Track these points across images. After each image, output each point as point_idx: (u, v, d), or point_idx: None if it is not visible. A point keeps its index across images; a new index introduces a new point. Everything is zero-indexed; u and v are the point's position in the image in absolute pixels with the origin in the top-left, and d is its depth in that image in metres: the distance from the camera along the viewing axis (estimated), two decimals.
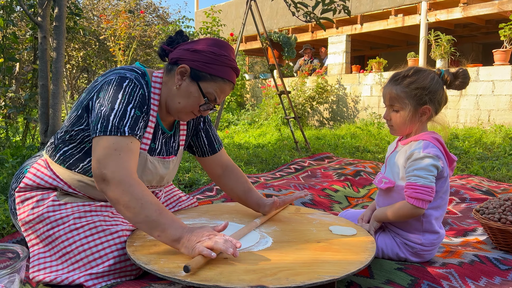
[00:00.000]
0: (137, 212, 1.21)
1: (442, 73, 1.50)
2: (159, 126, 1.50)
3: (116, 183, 1.21)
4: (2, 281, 1.08)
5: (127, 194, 1.21)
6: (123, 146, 1.26)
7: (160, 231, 1.21)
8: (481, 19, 7.69)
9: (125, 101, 1.31)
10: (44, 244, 1.40)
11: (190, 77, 1.40)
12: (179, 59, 1.40)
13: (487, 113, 6.08)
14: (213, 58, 1.38)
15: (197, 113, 1.46)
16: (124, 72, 1.38)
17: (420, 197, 1.41)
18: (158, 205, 1.23)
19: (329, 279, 1.10)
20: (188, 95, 1.41)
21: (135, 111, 1.33)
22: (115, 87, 1.33)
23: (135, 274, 1.37)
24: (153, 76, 1.46)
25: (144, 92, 1.38)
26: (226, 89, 1.43)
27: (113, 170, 1.22)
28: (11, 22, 3.42)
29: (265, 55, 4.65)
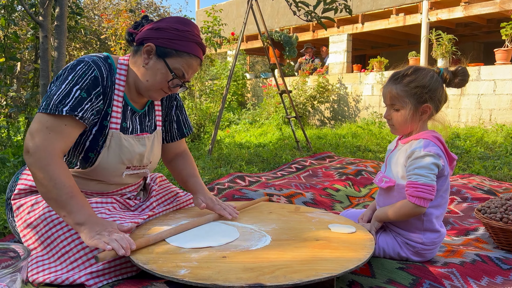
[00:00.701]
0: (49, 189, 1.27)
1: (441, 71, 1.50)
2: (128, 106, 1.52)
3: (36, 158, 1.28)
4: (4, 280, 1.08)
5: (42, 171, 1.27)
6: (55, 127, 1.31)
7: (67, 212, 1.27)
8: (482, 18, 7.67)
9: (72, 82, 1.35)
10: (42, 246, 1.39)
11: (156, 55, 1.42)
12: (144, 38, 1.44)
13: (489, 112, 6.06)
14: (177, 34, 1.41)
15: (167, 90, 1.48)
16: (83, 57, 1.42)
17: (421, 195, 1.40)
18: (71, 188, 1.29)
19: (327, 276, 1.10)
20: (155, 72, 1.43)
21: (81, 93, 1.35)
22: (69, 69, 1.38)
23: (136, 270, 1.36)
24: (119, 59, 1.49)
25: (98, 74, 1.40)
26: (193, 64, 1.46)
27: (37, 145, 1.28)
28: (12, 22, 3.42)
29: (266, 54, 4.64)
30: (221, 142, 5.06)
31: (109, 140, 1.44)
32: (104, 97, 1.42)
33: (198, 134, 5.17)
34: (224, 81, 7.39)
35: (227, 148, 4.59)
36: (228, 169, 3.31)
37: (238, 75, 9.22)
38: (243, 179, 2.91)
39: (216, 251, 1.26)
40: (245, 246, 1.30)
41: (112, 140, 1.45)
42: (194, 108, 5.16)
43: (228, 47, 7.02)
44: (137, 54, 1.47)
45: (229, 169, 3.33)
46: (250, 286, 1.04)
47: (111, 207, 1.48)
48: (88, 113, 1.37)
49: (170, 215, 1.63)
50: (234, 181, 2.83)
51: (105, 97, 1.43)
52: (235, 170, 3.33)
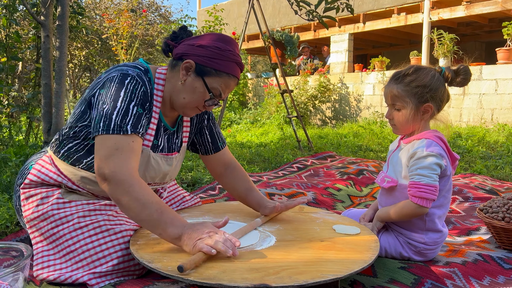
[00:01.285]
0: (138, 211, 1.23)
1: (443, 70, 1.50)
2: (162, 123, 1.50)
3: (116, 182, 1.23)
4: (6, 279, 1.09)
5: (127, 194, 1.22)
6: (124, 146, 1.27)
7: (162, 229, 1.23)
8: (484, 18, 7.66)
9: (127, 98, 1.31)
10: (48, 242, 1.40)
11: (195, 72, 1.39)
12: (184, 54, 1.40)
13: (490, 112, 6.06)
14: (218, 53, 1.38)
15: (202, 109, 1.46)
16: (127, 69, 1.38)
17: (424, 196, 1.40)
18: (159, 204, 1.24)
19: (332, 278, 1.10)
20: (193, 90, 1.41)
21: (138, 109, 1.33)
22: (117, 84, 1.33)
23: (138, 274, 1.37)
24: (156, 73, 1.46)
25: (146, 89, 1.37)
26: (231, 84, 1.43)
27: (113, 170, 1.23)
28: (14, 21, 3.43)
29: (268, 53, 4.64)
30: None
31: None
32: (149, 112, 1.41)
33: None
34: None
35: (228, 147, 4.59)
36: None
37: None
38: None
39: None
40: (250, 246, 1.30)
41: (141, 156, 1.41)
42: None
43: None
44: (175, 69, 1.43)
45: None
46: (255, 287, 1.04)
47: (119, 209, 1.48)
48: (144, 128, 1.36)
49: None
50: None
51: (150, 112, 1.41)
52: None
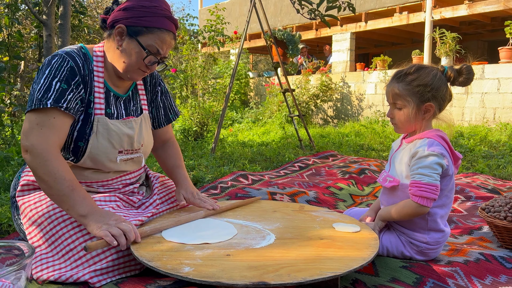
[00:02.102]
0: (50, 185, 1.31)
1: (446, 69, 1.49)
2: (111, 92, 1.54)
3: (35, 155, 1.31)
4: (9, 278, 1.09)
5: (42, 167, 1.31)
6: (44, 121, 1.34)
7: (70, 205, 1.31)
8: (486, 17, 7.64)
9: (50, 75, 1.38)
10: (47, 244, 1.40)
11: (128, 35, 1.44)
12: (115, 21, 1.45)
13: (493, 111, 6.04)
14: (145, 11, 1.42)
15: (145, 69, 1.49)
16: (58, 51, 1.45)
17: (424, 195, 1.40)
18: (71, 182, 1.32)
19: (331, 275, 1.10)
20: (130, 52, 1.45)
21: (61, 84, 1.37)
22: (45, 65, 1.41)
23: (139, 269, 1.37)
24: (94, 47, 1.52)
25: (73, 64, 1.42)
26: (166, 39, 1.46)
27: (32, 143, 1.32)
28: (16, 21, 3.43)
29: (269, 53, 4.64)
30: (224, 141, 5.07)
31: (95, 126, 1.46)
32: (84, 85, 1.45)
33: (201, 132, 5.18)
34: (227, 80, 7.39)
35: (230, 146, 4.59)
36: (231, 167, 3.31)
37: (241, 74, 9.22)
38: (246, 177, 2.91)
39: (220, 249, 1.26)
40: (249, 244, 1.30)
41: (99, 125, 1.47)
42: (197, 107, 5.16)
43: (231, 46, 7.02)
44: (111, 38, 1.49)
45: (232, 167, 3.33)
46: (254, 284, 1.04)
47: (115, 205, 1.49)
48: (72, 103, 1.40)
49: (174, 213, 1.63)
50: (237, 180, 2.84)
51: (85, 85, 1.46)
52: (238, 169, 3.33)
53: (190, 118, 5.17)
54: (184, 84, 5.43)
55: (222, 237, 1.36)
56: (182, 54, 5.36)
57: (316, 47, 11.11)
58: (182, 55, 5.39)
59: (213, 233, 1.40)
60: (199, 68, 5.36)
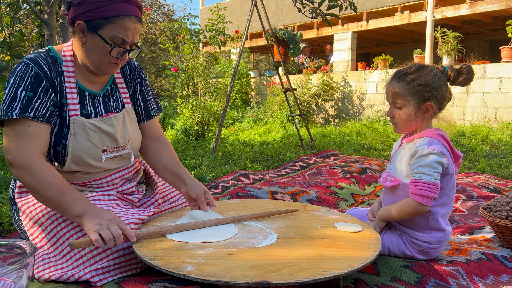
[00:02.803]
0: (40, 193, 1.31)
1: (445, 69, 1.49)
2: (85, 92, 1.48)
3: (18, 167, 1.31)
4: (11, 276, 1.09)
5: (28, 177, 1.30)
6: (20, 132, 1.32)
7: (63, 209, 1.31)
8: (488, 16, 7.62)
9: (15, 85, 1.35)
10: (49, 244, 1.40)
11: (89, 30, 1.37)
12: (73, 18, 1.38)
13: (494, 110, 6.03)
14: (98, 1, 1.34)
15: (116, 61, 1.42)
16: (23, 58, 1.41)
17: (424, 194, 1.40)
18: (59, 186, 1.31)
19: (334, 275, 1.10)
20: (95, 48, 1.38)
21: (26, 93, 1.34)
22: (10, 74, 1.39)
23: (141, 267, 1.37)
24: (62, 48, 1.47)
25: (37, 70, 1.37)
26: (129, 25, 1.37)
27: (14, 155, 1.31)
28: (17, 20, 3.44)
29: (271, 52, 4.64)
30: (225, 140, 5.07)
31: (72, 127, 1.41)
32: (53, 90, 1.40)
33: (202, 132, 5.18)
34: (228, 79, 7.39)
35: (231, 146, 4.59)
36: (232, 167, 3.31)
37: (242, 73, 9.22)
38: (247, 177, 2.91)
39: (222, 248, 1.26)
40: (251, 244, 1.30)
41: (75, 127, 1.42)
42: (198, 106, 5.16)
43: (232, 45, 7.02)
44: (75, 36, 1.42)
45: (233, 167, 3.33)
46: (256, 284, 1.04)
47: (115, 204, 1.48)
48: (41, 110, 1.36)
49: (176, 212, 1.62)
50: (238, 179, 2.84)
51: (55, 89, 1.41)
52: (239, 168, 3.33)
53: (191, 118, 5.17)
54: (185, 83, 5.43)
55: (222, 236, 1.36)
56: (183, 54, 5.36)
57: (317, 47, 11.11)
58: (183, 54, 5.39)
59: (213, 232, 1.40)
60: (200, 68, 5.36)
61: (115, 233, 1.25)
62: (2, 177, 2.57)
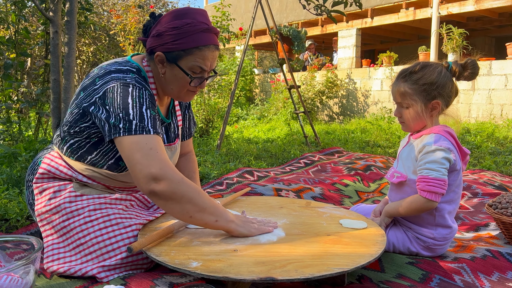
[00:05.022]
0: (195, 202, 1.24)
1: (450, 65, 1.49)
2: (159, 117, 1.51)
3: (169, 178, 1.21)
4: (18, 272, 1.10)
5: (183, 186, 1.23)
6: (155, 144, 1.25)
7: (218, 215, 1.27)
8: (494, 12, 7.56)
9: (137, 104, 1.29)
10: (58, 235, 1.41)
11: (168, 61, 1.37)
12: (152, 47, 1.38)
13: (500, 107, 5.99)
14: (177, 34, 1.33)
15: (195, 89, 1.44)
16: (124, 77, 1.34)
17: (432, 190, 1.40)
18: (206, 194, 1.30)
19: (339, 271, 1.10)
20: (175, 78, 1.40)
21: (151, 112, 1.31)
22: (122, 93, 1.30)
23: (146, 267, 1.38)
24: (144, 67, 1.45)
25: (149, 91, 1.36)
26: (207, 55, 1.37)
27: (160, 167, 1.22)
28: (23, 17, 3.45)
29: (275, 49, 4.63)
30: (229, 137, 5.07)
31: None
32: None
33: (207, 129, 5.19)
34: (232, 77, 7.39)
35: (235, 143, 4.60)
36: (236, 164, 3.32)
37: (247, 70, 9.21)
38: (252, 174, 2.92)
39: (227, 244, 1.27)
40: (256, 240, 1.31)
41: None
42: (203, 104, 5.17)
43: (236, 42, 7.00)
44: (152, 62, 1.42)
45: (237, 164, 3.34)
46: (262, 280, 1.05)
47: (129, 204, 1.49)
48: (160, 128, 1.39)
49: None
50: (243, 176, 2.84)
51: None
52: (244, 165, 3.34)
53: (196, 115, 5.18)
54: None
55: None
56: None
57: (321, 43, 11.07)
58: None
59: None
60: None
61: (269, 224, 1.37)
62: (9, 174, 2.59)
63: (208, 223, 1.27)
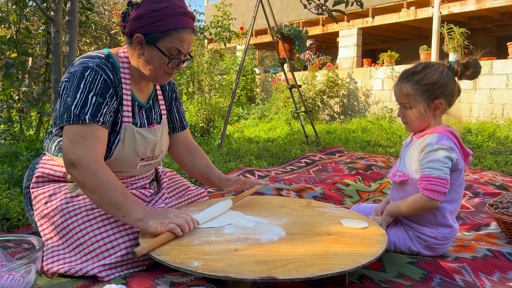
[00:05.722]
0: (102, 194, 1.30)
1: (452, 65, 1.49)
2: (136, 102, 1.53)
3: (82, 167, 1.30)
4: (19, 271, 1.10)
5: (92, 178, 1.30)
6: (88, 133, 1.34)
7: (125, 211, 1.30)
8: (495, 11, 7.55)
9: (86, 89, 1.36)
10: (58, 237, 1.42)
11: (147, 43, 1.42)
12: (132, 30, 1.43)
13: (501, 107, 5.98)
14: (156, 15, 1.38)
15: (171, 71, 1.49)
16: (87, 61, 1.42)
17: (435, 188, 1.40)
18: (122, 189, 1.32)
19: (340, 271, 1.10)
20: (153, 59, 1.44)
21: (97, 98, 1.37)
22: (78, 77, 1.38)
23: (147, 264, 1.38)
24: (119, 56, 1.50)
25: (106, 77, 1.41)
26: (185, 37, 1.43)
27: (79, 155, 1.31)
28: (24, 17, 3.45)
29: (276, 48, 4.63)
30: (230, 137, 5.07)
31: (122, 134, 1.46)
32: (116, 96, 1.45)
33: (208, 129, 5.19)
34: (233, 76, 7.39)
35: (236, 142, 4.60)
36: (237, 163, 3.32)
37: (247, 69, 9.21)
38: (253, 173, 2.92)
39: (228, 243, 1.27)
40: (257, 240, 1.31)
41: (126, 133, 1.47)
42: (204, 103, 5.17)
43: (237, 42, 7.01)
44: (132, 46, 1.47)
45: (238, 163, 3.34)
46: (263, 279, 1.05)
47: None
48: (107, 116, 1.40)
49: (182, 208, 1.64)
50: (244, 176, 2.84)
51: (117, 96, 1.46)
52: (245, 165, 3.34)
53: (197, 114, 5.18)
54: (190, 80, 5.44)
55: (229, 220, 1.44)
56: None
57: (322, 43, 11.07)
58: None
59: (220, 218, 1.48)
60: (205, 64, 5.36)
61: (186, 219, 1.31)
62: (10, 173, 2.60)
63: (117, 217, 1.33)
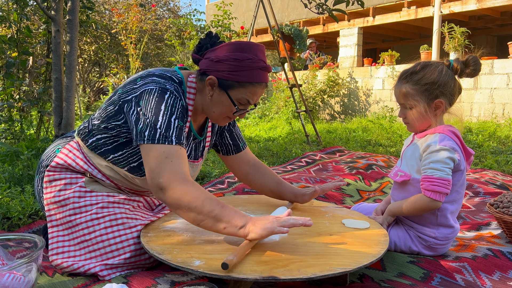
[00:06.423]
0: (199, 210, 1.22)
1: (451, 63, 1.49)
2: (191, 132, 1.52)
3: (173, 188, 1.23)
4: (20, 270, 1.10)
5: (186, 196, 1.22)
6: (173, 153, 1.27)
7: (226, 222, 1.22)
8: (496, 11, 7.55)
9: (168, 112, 1.31)
10: (64, 228, 1.42)
11: (219, 87, 1.39)
12: (206, 70, 1.39)
13: (502, 106, 5.98)
14: (237, 65, 1.35)
15: (233, 117, 1.46)
16: (164, 83, 1.37)
17: (437, 189, 1.40)
18: (217, 200, 1.25)
19: (341, 271, 1.10)
20: (220, 103, 1.41)
21: (179, 122, 1.33)
22: (157, 98, 1.32)
23: (148, 266, 1.39)
24: (187, 85, 1.45)
25: (184, 103, 1.38)
26: (258, 91, 1.41)
27: (168, 177, 1.23)
28: (24, 16, 3.45)
29: (276, 48, 4.63)
30: None
31: None
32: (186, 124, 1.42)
33: None
34: None
35: None
36: None
37: None
38: None
39: (230, 243, 1.27)
40: None
41: None
42: None
43: None
44: (202, 82, 1.43)
45: None
46: (264, 279, 1.05)
47: (136, 204, 1.50)
48: (185, 140, 1.40)
49: None
50: None
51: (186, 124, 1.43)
52: None
53: None
54: None
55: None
56: (189, 50, 5.37)
57: (323, 42, 11.06)
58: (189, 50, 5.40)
59: None
60: None
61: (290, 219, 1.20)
62: (11, 172, 2.60)
63: (218, 230, 1.24)
